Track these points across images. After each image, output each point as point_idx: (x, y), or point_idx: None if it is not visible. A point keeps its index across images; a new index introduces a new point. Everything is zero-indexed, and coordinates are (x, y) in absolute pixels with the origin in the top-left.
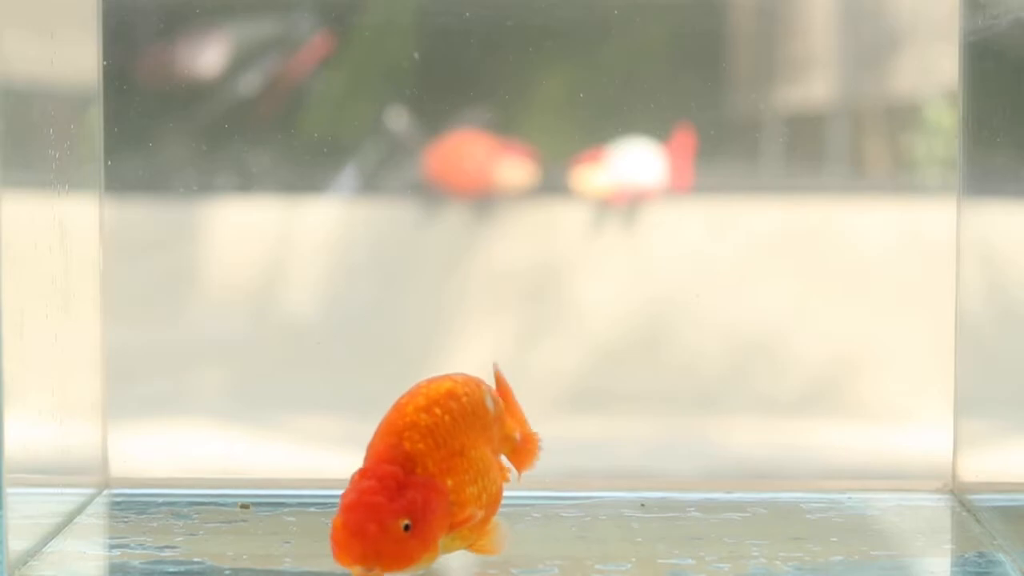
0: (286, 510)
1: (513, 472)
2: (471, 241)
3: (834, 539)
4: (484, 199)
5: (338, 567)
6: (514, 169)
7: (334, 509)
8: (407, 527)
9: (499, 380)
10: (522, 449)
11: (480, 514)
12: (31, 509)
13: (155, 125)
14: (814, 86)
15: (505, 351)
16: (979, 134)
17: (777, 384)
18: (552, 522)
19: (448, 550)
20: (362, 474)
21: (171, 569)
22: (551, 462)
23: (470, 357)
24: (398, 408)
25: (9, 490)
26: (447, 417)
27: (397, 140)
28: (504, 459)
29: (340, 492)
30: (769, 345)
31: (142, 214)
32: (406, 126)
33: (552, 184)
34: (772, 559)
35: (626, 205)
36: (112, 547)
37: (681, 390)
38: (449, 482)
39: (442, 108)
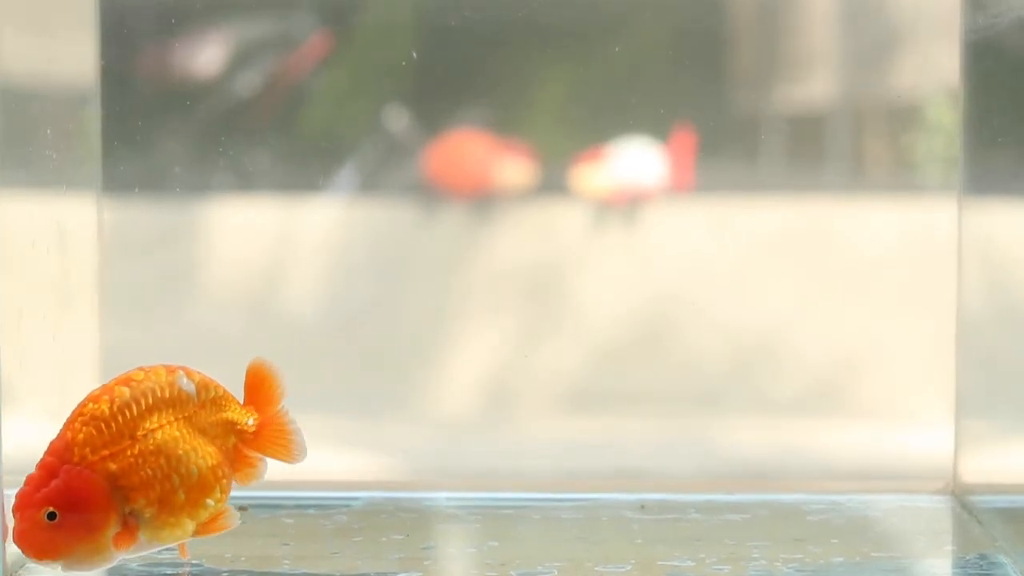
0: (284, 512)
1: (276, 462)
2: (471, 241)
3: (835, 540)
4: (484, 199)
5: (336, 570)
6: (514, 169)
7: (333, 511)
8: (52, 515)
9: (257, 371)
10: (264, 434)
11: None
12: None
13: (153, 125)
14: (815, 85)
15: (505, 351)
16: (980, 133)
17: (778, 384)
18: (551, 523)
19: (163, 540)
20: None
21: (168, 571)
22: (550, 463)
23: (470, 357)
24: (80, 402)
25: (8, 491)
26: (116, 403)
27: (396, 139)
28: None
29: (339, 494)
30: (770, 345)
31: (141, 214)
32: (405, 125)
33: (552, 184)
34: (773, 560)
35: (626, 205)
36: None
37: (682, 390)
38: (113, 467)
39: (441, 107)
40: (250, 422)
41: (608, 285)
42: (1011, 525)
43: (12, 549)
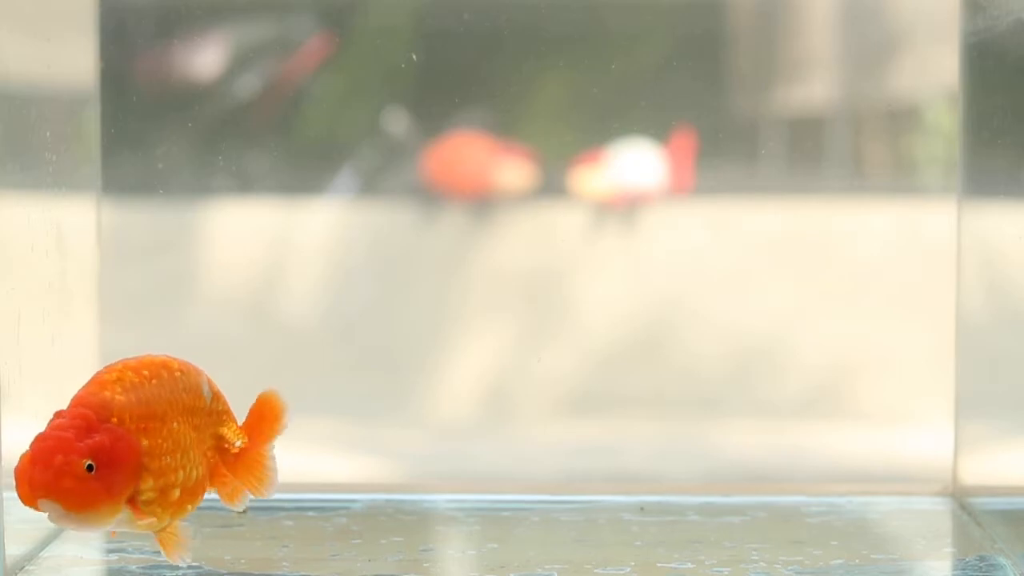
0: (284, 514)
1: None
2: (470, 243)
3: (834, 543)
4: (483, 201)
5: (335, 572)
6: (513, 171)
7: (333, 513)
8: (90, 467)
9: (267, 402)
10: (243, 459)
11: (176, 493)
12: (28, 513)
13: (153, 127)
14: (814, 88)
15: (505, 353)
16: (980, 135)
17: (777, 387)
18: (551, 526)
19: (135, 526)
20: (57, 415)
21: (168, 574)
22: (550, 465)
23: (469, 359)
24: (110, 365)
25: (6, 494)
26: (155, 381)
27: (396, 142)
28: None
29: (339, 496)
30: (769, 347)
31: (140, 216)
32: (405, 128)
33: (551, 186)
34: (772, 563)
35: (626, 207)
36: (110, 552)
37: (681, 393)
38: (145, 442)
39: (441, 110)
40: (237, 444)
41: (607, 287)
42: (1011, 527)
43: (12, 551)
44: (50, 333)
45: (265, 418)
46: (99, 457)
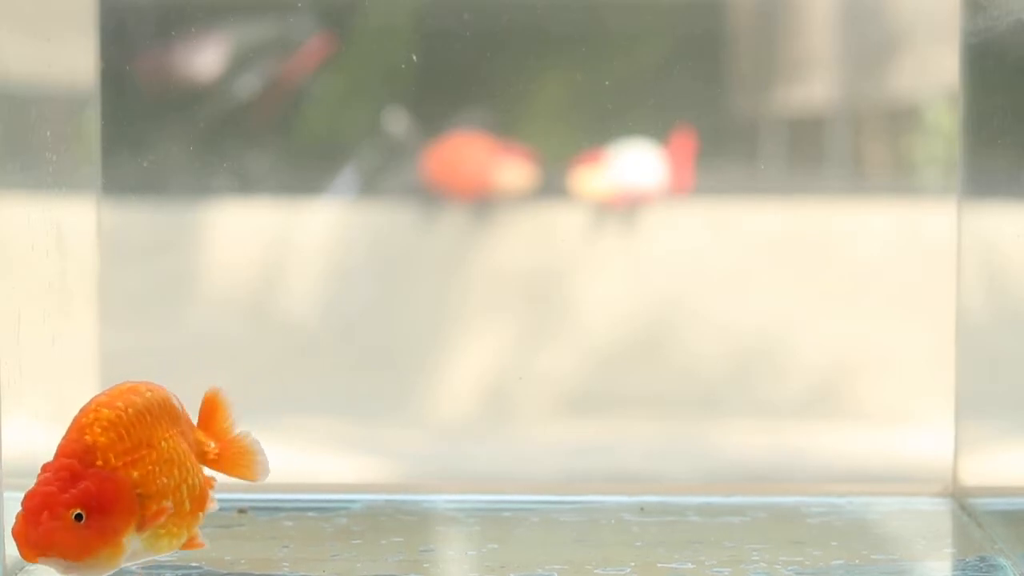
0: (284, 515)
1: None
2: (470, 243)
3: (834, 543)
4: (483, 201)
5: (335, 572)
6: (513, 171)
7: (333, 514)
8: (79, 516)
9: (212, 400)
10: (229, 453)
11: (170, 505)
12: None
13: (153, 128)
14: (814, 88)
15: (504, 354)
16: (980, 135)
17: (777, 387)
18: (550, 526)
19: (159, 550)
20: (43, 469)
21: (168, 574)
22: (550, 465)
23: (469, 359)
24: (83, 408)
25: (7, 494)
26: (130, 410)
27: (396, 142)
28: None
29: (339, 496)
30: (769, 348)
31: (140, 217)
32: (405, 128)
33: (551, 186)
34: (772, 563)
35: (626, 207)
36: None
37: (681, 393)
38: (135, 474)
39: (441, 110)
40: (212, 444)
41: (607, 287)
42: (1011, 527)
43: (12, 551)
44: (50, 333)
45: (215, 416)
46: (87, 504)
